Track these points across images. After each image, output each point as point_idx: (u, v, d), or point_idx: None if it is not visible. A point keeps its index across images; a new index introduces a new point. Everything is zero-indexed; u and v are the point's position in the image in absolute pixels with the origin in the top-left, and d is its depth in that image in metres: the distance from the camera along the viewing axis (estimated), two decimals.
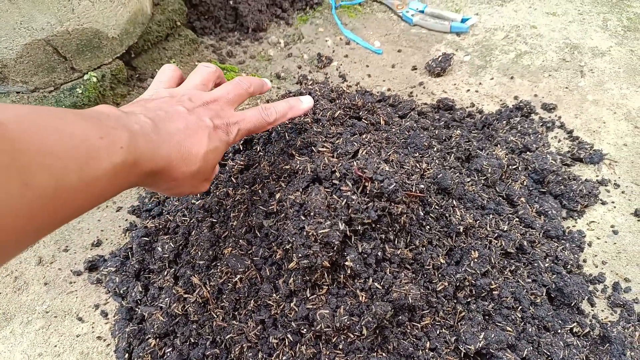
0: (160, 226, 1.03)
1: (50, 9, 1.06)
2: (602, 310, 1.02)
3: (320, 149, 0.90)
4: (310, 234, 0.75)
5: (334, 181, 0.82)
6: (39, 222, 0.44)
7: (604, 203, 1.20)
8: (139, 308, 0.98)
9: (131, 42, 1.30)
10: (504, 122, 1.32)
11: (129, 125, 0.55)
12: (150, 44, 1.40)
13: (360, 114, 1.13)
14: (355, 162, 0.83)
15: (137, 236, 1.01)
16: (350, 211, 0.77)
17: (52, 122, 0.46)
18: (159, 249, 0.97)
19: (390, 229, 0.81)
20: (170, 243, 0.98)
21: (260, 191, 0.92)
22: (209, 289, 0.88)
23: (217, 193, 1.03)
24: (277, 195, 0.87)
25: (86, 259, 1.10)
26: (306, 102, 0.87)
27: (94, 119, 0.52)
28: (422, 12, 1.66)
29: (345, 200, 0.78)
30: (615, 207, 1.19)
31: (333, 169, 0.83)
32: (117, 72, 1.29)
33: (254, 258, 0.87)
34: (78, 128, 0.48)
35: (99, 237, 1.15)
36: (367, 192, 0.78)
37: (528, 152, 1.23)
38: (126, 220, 1.18)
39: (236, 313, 0.86)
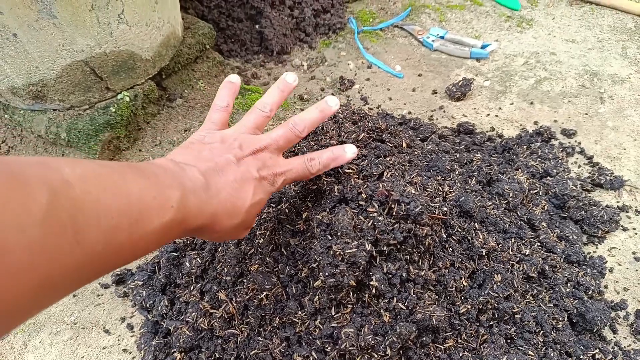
0: (188, 242, 1.06)
1: (90, 32, 1.12)
2: (625, 338, 1.01)
3: (346, 170, 0.92)
4: (337, 253, 0.77)
5: (360, 202, 0.84)
6: (84, 275, 0.45)
7: (624, 229, 1.20)
8: (164, 322, 1.00)
9: (163, 64, 1.36)
10: (525, 146, 1.34)
11: (183, 182, 0.57)
12: (181, 65, 1.46)
13: (384, 136, 1.15)
14: (381, 184, 0.85)
15: (165, 251, 1.04)
16: (376, 232, 0.79)
17: (114, 182, 0.47)
18: (187, 264, 1.00)
19: (414, 250, 0.83)
20: (198, 259, 1.00)
21: (287, 210, 0.95)
22: (234, 304, 0.90)
23: None
24: (304, 215, 0.89)
25: (114, 272, 1.13)
26: (350, 151, 0.85)
27: (152, 176, 0.53)
28: (442, 37, 1.70)
29: (371, 221, 0.80)
30: (636, 233, 1.19)
31: (359, 191, 0.85)
32: (149, 92, 1.34)
33: (280, 275, 0.89)
34: (135, 187, 0.49)
35: None
36: (394, 213, 0.80)
37: (549, 177, 1.24)
38: None
39: (261, 329, 0.88)
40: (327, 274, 0.78)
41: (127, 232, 0.47)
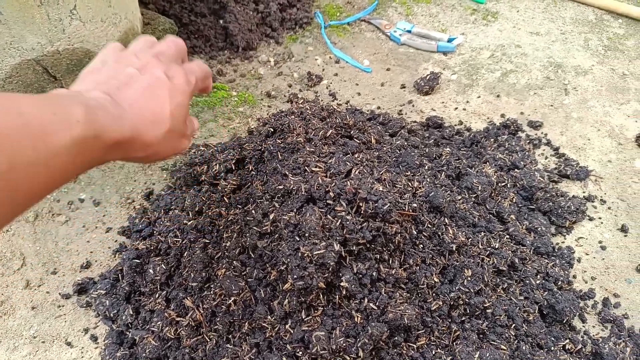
0: (152, 247, 1.02)
1: (41, 30, 1.06)
2: (593, 327, 1.03)
3: (313, 168, 0.90)
4: (305, 255, 0.75)
5: (328, 201, 0.82)
6: (2, 200, 0.45)
7: (591, 219, 1.22)
8: (129, 332, 0.96)
9: None
10: (492, 139, 1.34)
11: (85, 101, 0.55)
12: None
13: (352, 132, 1.14)
14: (349, 182, 0.83)
15: (128, 258, 1.00)
16: (345, 232, 0.77)
17: (2, 103, 0.46)
18: (151, 271, 0.96)
19: (384, 249, 0.82)
20: (162, 265, 0.97)
21: (253, 211, 0.92)
22: (202, 311, 0.87)
23: (210, 213, 1.02)
24: (271, 216, 0.87)
25: (75, 281, 1.08)
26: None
27: (48, 98, 0.52)
28: (409, 32, 1.70)
29: (339, 220, 0.78)
30: (602, 222, 1.21)
31: (327, 189, 0.83)
32: None
33: (248, 279, 0.86)
34: (30, 106, 0.48)
35: (88, 258, 1.13)
36: (362, 212, 0.78)
37: (516, 170, 1.24)
38: (116, 241, 1.16)
39: (230, 336, 0.85)
40: (295, 276, 0.76)
41: (32, 149, 0.46)
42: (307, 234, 0.76)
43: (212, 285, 0.88)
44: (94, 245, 1.16)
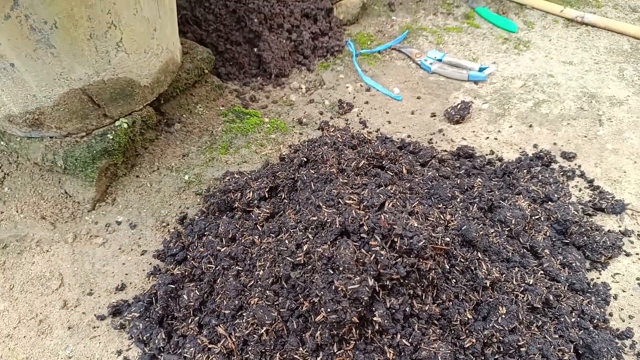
0: (186, 273, 1.04)
1: (89, 61, 1.11)
2: None
3: (347, 201, 0.91)
4: (339, 289, 0.76)
5: (362, 235, 0.83)
6: None
7: (627, 254, 1.19)
8: (161, 356, 0.98)
9: (162, 90, 1.35)
10: (525, 170, 1.33)
11: None
12: (179, 90, 1.45)
13: (384, 163, 1.15)
14: (383, 216, 0.84)
15: (163, 283, 1.02)
16: (379, 266, 0.78)
17: None
18: (185, 296, 0.98)
19: (418, 285, 0.82)
20: (196, 290, 0.99)
21: (287, 241, 0.93)
22: (234, 339, 0.88)
23: (243, 241, 1.04)
24: (305, 247, 0.88)
25: (110, 303, 1.11)
26: None
27: None
28: (440, 60, 1.71)
29: (374, 255, 0.79)
30: (639, 258, 1.18)
31: (361, 223, 0.84)
32: (147, 118, 1.33)
33: (281, 309, 0.87)
34: None
35: (123, 280, 1.17)
36: (396, 247, 0.79)
37: (550, 202, 1.23)
38: (150, 264, 1.19)
39: None
40: (329, 309, 0.77)
41: None
42: (341, 268, 0.77)
43: (244, 314, 0.90)
44: (129, 268, 1.19)
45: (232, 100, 1.62)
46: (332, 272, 0.78)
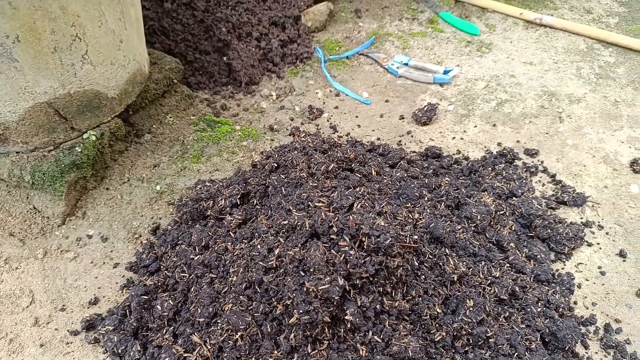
0: (159, 283, 1.04)
1: (54, 74, 1.11)
2: (596, 353, 1.04)
3: (316, 203, 0.93)
4: (310, 290, 0.77)
5: (331, 236, 0.85)
6: None
7: (589, 245, 1.24)
8: None
9: (130, 101, 1.35)
10: (490, 168, 1.37)
11: None
12: (148, 101, 1.45)
13: (353, 166, 1.17)
14: (351, 217, 0.86)
15: (136, 295, 1.02)
16: (348, 266, 0.80)
17: None
18: (158, 307, 0.98)
19: (387, 282, 0.84)
20: (170, 300, 0.99)
21: (259, 246, 0.94)
22: (209, 347, 0.89)
23: (216, 248, 1.05)
24: (276, 251, 0.89)
25: (83, 318, 1.10)
26: None
27: None
28: (406, 64, 1.75)
29: (343, 255, 0.80)
30: (600, 248, 1.23)
31: (330, 224, 0.86)
32: (115, 129, 1.33)
33: (255, 314, 0.88)
34: None
35: (96, 294, 1.15)
36: (364, 247, 0.81)
37: (514, 198, 1.27)
38: (123, 276, 1.18)
39: None
40: (301, 311, 0.78)
41: None
42: (311, 269, 0.78)
43: (219, 321, 0.90)
44: (101, 281, 1.18)
45: (203, 109, 1.62)
46: (303, 274, 0.80)
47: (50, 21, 1.03)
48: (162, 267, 1.12)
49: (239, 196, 1.13)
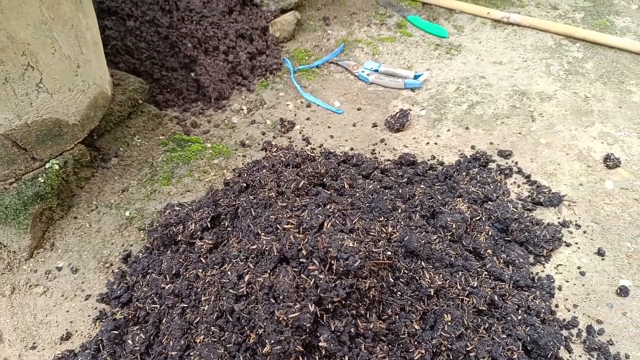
0: (130, 316, 1.00)
1: (7, 106, 1.07)
2: (580, 356, 1.03)
3: (285, 225, 0.91)
4: (280, 318, 0.75)
5: (301, 260, 0.82)
6: None
7: (568, 245, 1.23)
8: None
9: (93, 125, 1.31)
10: (464, 173, 1.36)
11: None
12: (113, 124, 1.41)
13: (325, 180, 1.15)
14: (320, 238, 0.84)
15: (106, 330, 0.98)
16: (319, 291, 0.77)
17: None
18: (130, 341, 0.94)
19: (360, 304, 0.82)
20: (141, 334, 0.95)
21: (229, 272, 0.91)
22: None
23: (187, 275, 1.01)
24: (246, 277, 0.86)
25: (55, 355, 1.06)
26: None
27: None
28: (376, 71, 1.74)
29: (313, 279, 0.78)
30: (579, 248, 1.23)
31: (299, 247, 0.83)
32: (79, 156, 1.29)
33: (227, 345, 0.85)
34: None
35: (68, 329, 1.11)
36: (334, 270, 0.79)
37: (489, 202, 1.26)
38: (95, 308, 1.14)
39: None
40: (272, 341, 0.75)
41: None
42: (281, 297, 0.76)
43: (191, 353, 0.87)
44: (73, 315, 1.14)
45: (173, 127, 1.58)
46: (273, 302, 0.77)
47: None
48: (133, 297, 1.08)
49: (209, 219, 1.10)
